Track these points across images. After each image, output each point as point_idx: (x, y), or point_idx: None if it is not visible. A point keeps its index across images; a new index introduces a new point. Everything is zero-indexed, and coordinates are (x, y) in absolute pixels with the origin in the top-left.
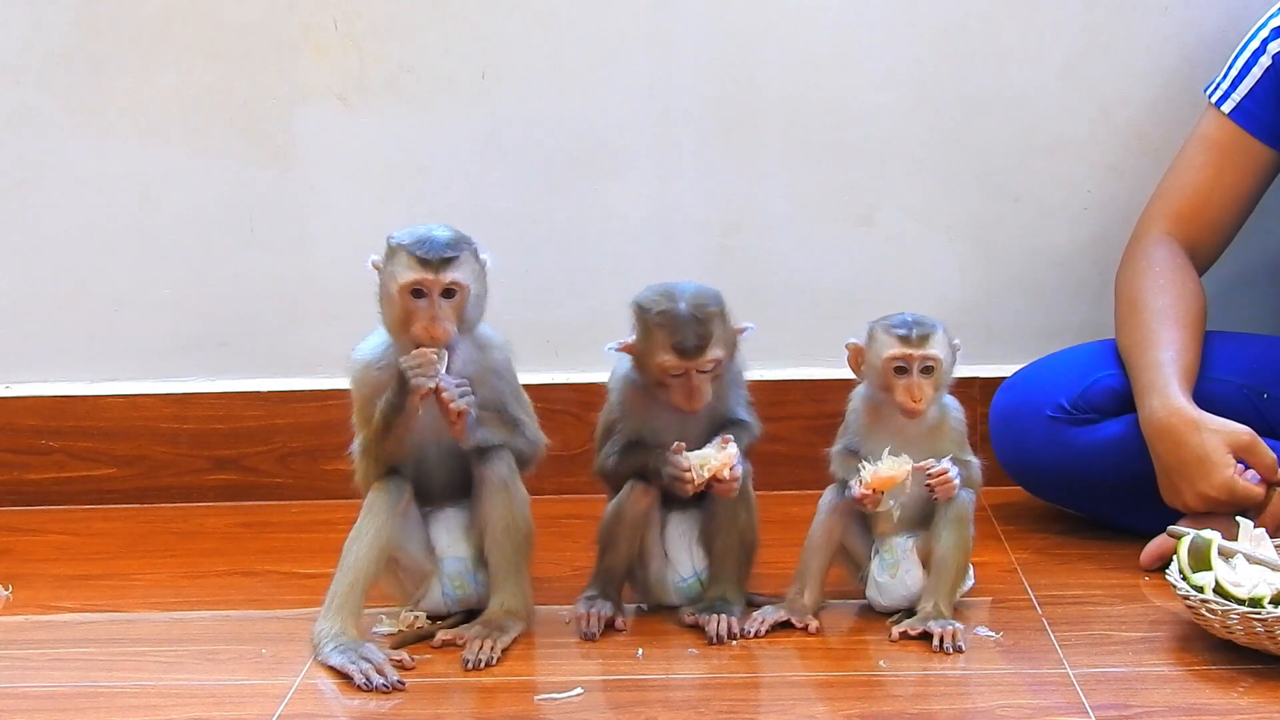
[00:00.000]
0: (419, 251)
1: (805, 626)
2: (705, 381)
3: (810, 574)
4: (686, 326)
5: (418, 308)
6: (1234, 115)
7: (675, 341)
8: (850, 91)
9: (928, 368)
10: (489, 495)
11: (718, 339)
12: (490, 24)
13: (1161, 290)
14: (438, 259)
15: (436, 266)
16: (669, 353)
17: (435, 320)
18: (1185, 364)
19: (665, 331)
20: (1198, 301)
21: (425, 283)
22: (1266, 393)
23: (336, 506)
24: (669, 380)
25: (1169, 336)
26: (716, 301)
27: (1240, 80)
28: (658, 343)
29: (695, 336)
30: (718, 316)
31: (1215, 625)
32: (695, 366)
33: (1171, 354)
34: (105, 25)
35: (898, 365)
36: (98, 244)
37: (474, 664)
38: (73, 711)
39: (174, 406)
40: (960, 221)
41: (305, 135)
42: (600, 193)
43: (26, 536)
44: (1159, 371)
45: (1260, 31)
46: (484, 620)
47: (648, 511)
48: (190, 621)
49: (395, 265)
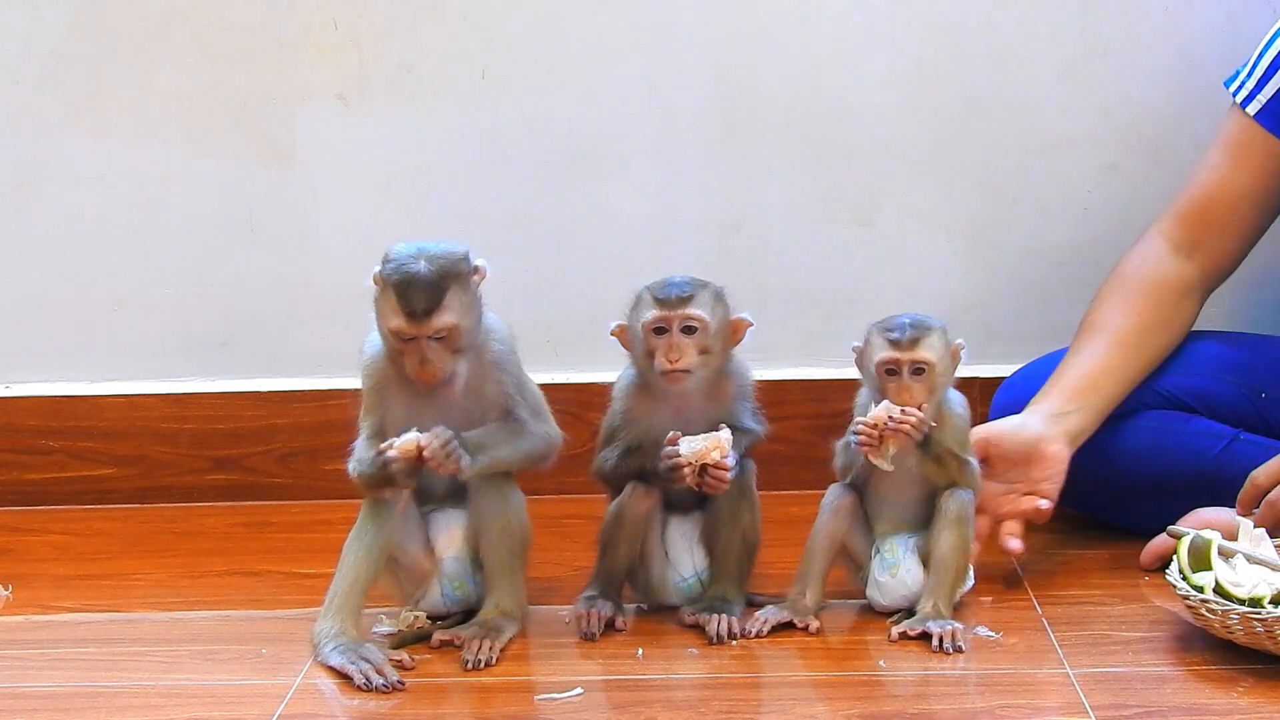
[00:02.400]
0: (402, 301)
1: (806, 627)
2: (688, 345)
3: (812, 575)
4: (671, 285)
5: (407, 349)
6: (1260, 117)
7: (658, 293)
8: (850, 91)
9: (918, 370)
10: (484, 497)
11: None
12: (490, 24)
13: (1113, 295)
14: (422, 309)
15: (420, 318)
16: (652, 306)
17: (425, 363)
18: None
19: (651, 290)
20: (1148, 311)
21: (411, 331)
22: (1265, 392)
23: (336, 506)
24: (653, 344)
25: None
26: (714, 285)
27: (1267, 80)
28: (643, 302)
29: (678, 291)
30: (709, 289)
31: (1215, 625)
32: (676, 319)
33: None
34: (105, 25)
35: (888, 368)
36: (98, 244)
37: (473, 664)
38: (73, 711)
39: (174, 406)
40: (960, 221)
41: (305, 135)
42: (600, 193)
43: (26, 536)
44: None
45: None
46: (480, 621)
47: (649, 512)
48: (190, 621)
49: (383, 304)
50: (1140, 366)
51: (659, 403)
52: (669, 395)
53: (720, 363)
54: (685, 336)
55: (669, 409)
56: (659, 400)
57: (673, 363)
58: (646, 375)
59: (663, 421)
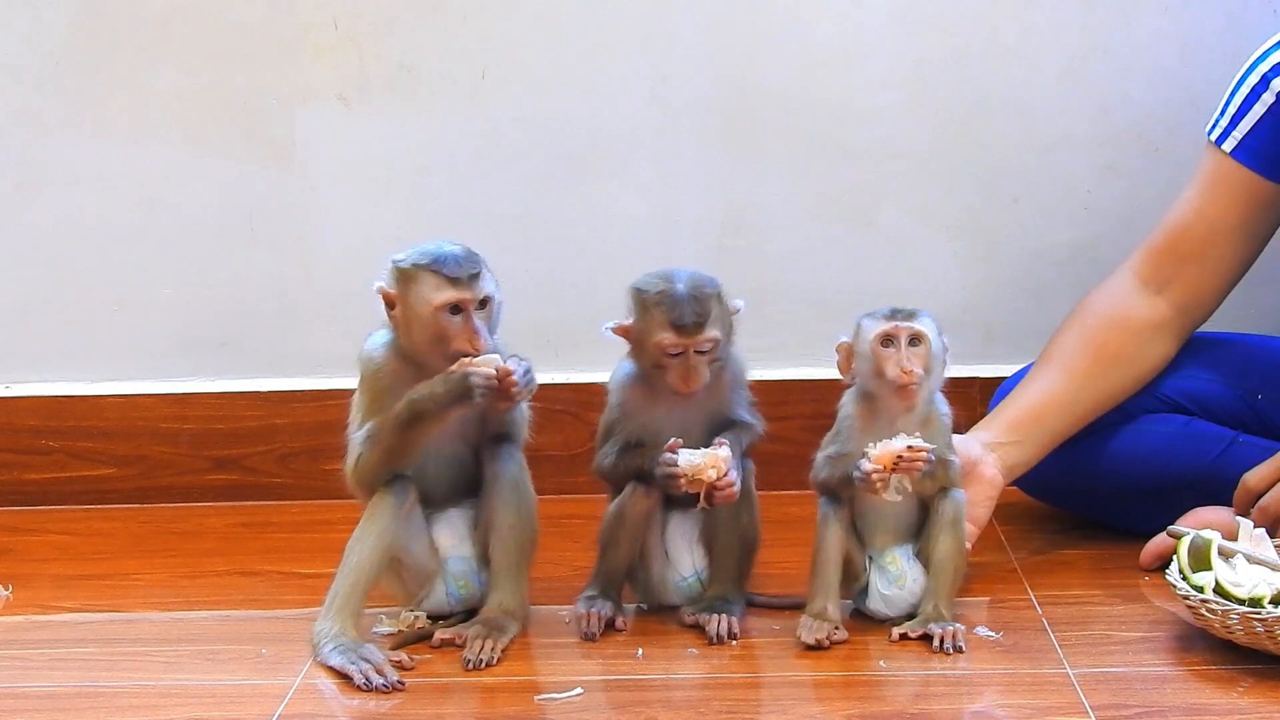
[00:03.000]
0: (447, 270)
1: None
2: (702, 363)
3: (829, 586)
4: (684, 304)
5: (452, 324)
6: (1236, 154)
7: (673, 318)
8: (851, 91)
9: (915, 341)
10: (499, 493)
11: (715, 319)
12: (490, 24)
13: (1070, 331)
14: (468, 275)
15: (468, 283)
16: (667, 330)
17: (476, 333)
18: (1018, 416)
19: (663, 310)
20: (1106, 347)
21: (462, 301)
22: (1261, 394)
23: (336, 506)
24: (666, 361)
25: (1036, 380)
26: (713, 284)
27: (1241, 117)
28: (655, 321)
29: (693, 314)
30: (715, 297)
31: (1215, 625)
32: (693, 345)
33: (1018, 402)
34: (105, 25)
35: (884, 338)
36: (98, 244)
37: (475, 664)
38: (73, 711)
39: (174, 406)
40: (960, 221)
41: (305, 135)
42: (600, 193)
43: (26, 536)
44: (997, 412)
45: (1259, 65)
46: (482, 620)
47: (649, 512)
48: (190, 621)
49: (421, 287)
50: (1092, 402)
51: (656, 397)
52: (667, 391)
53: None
54: (700, 356)
55: (666, 403)
56: (656, 395)
57: (689, 385)
58: (648, 374)
59: (660, 415)
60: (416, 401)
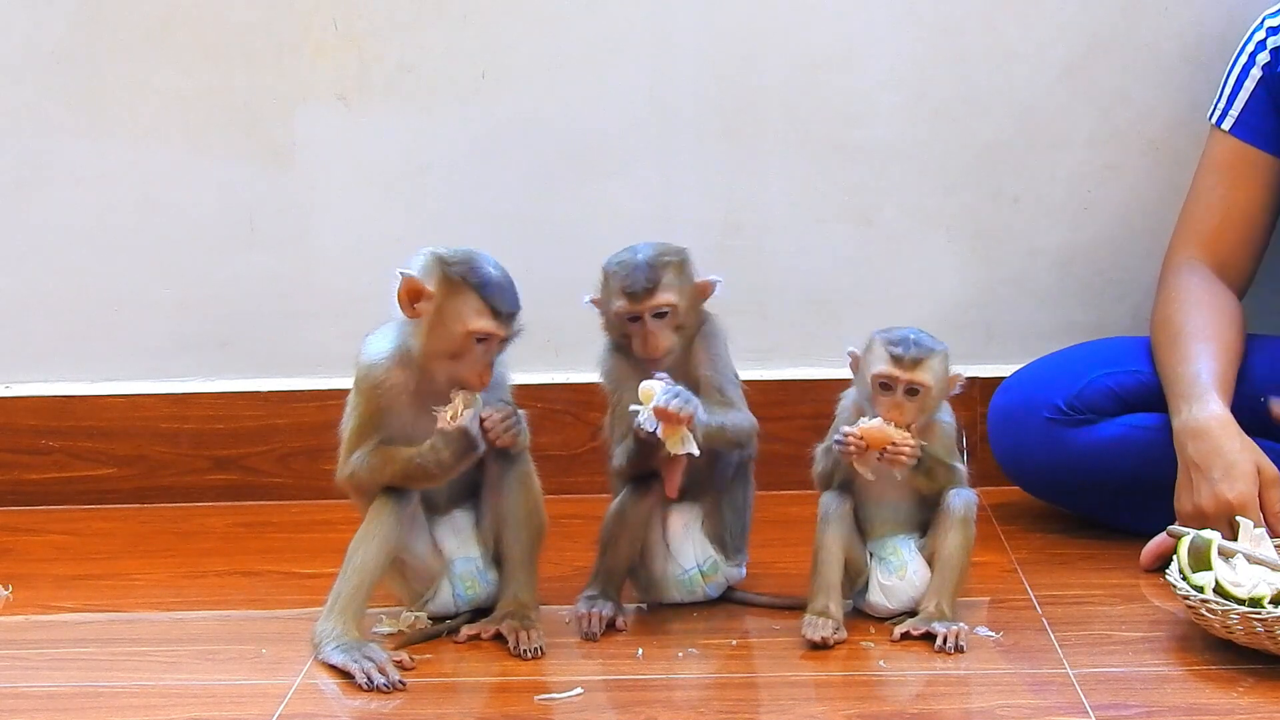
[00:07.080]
0: (494, 302)
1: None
2: (661, 327)
3: (831, 585)
4: (636, 271)
5: (474, 351)
6: (1235, 131)
7: (625, 285)
8: (850, 91)
9: (913, 391)
10: (508, 488)
11: (669, 284)
12: (490, 24)
13: (1196, 311)
14: (509, 312)
15: (507, 320)
16: (620, 297)
17: (488, 370)
18: (1220, 377)
19: (618, 278)
20: (1233, 320)
21: (495, 335)
22: (1263, 396)
23: (336, 506)
24: (629, 328)
25: (1204, 352)
26: (677, 254)
27: (1235, 96)
28: (612, 289)
29: (644, 280)
30: (672, 265)
31: (1215, 625)
32: (645, 310)
33: (1208, 368)
34: (105, 25)
35: (883, 382)
36: (98, 244)
37: (531, 652)
38: (73, 711)
39: (174, 406)
40: (960, 221)
41: (305, 135)
42: (600, 193)
43: (26, 536)
44: (1195, 382)
45: (1247, 46)
46: (509, 612)
47: (649, 511)
48: (190, 621)
49: (462, 304)
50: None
51: (634, 367)
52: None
53: (695, 325)
54: (658, 320)
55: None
56: (634, 365)
57: (649, 350)
58: (623, 345)
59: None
60: (423, 466)
